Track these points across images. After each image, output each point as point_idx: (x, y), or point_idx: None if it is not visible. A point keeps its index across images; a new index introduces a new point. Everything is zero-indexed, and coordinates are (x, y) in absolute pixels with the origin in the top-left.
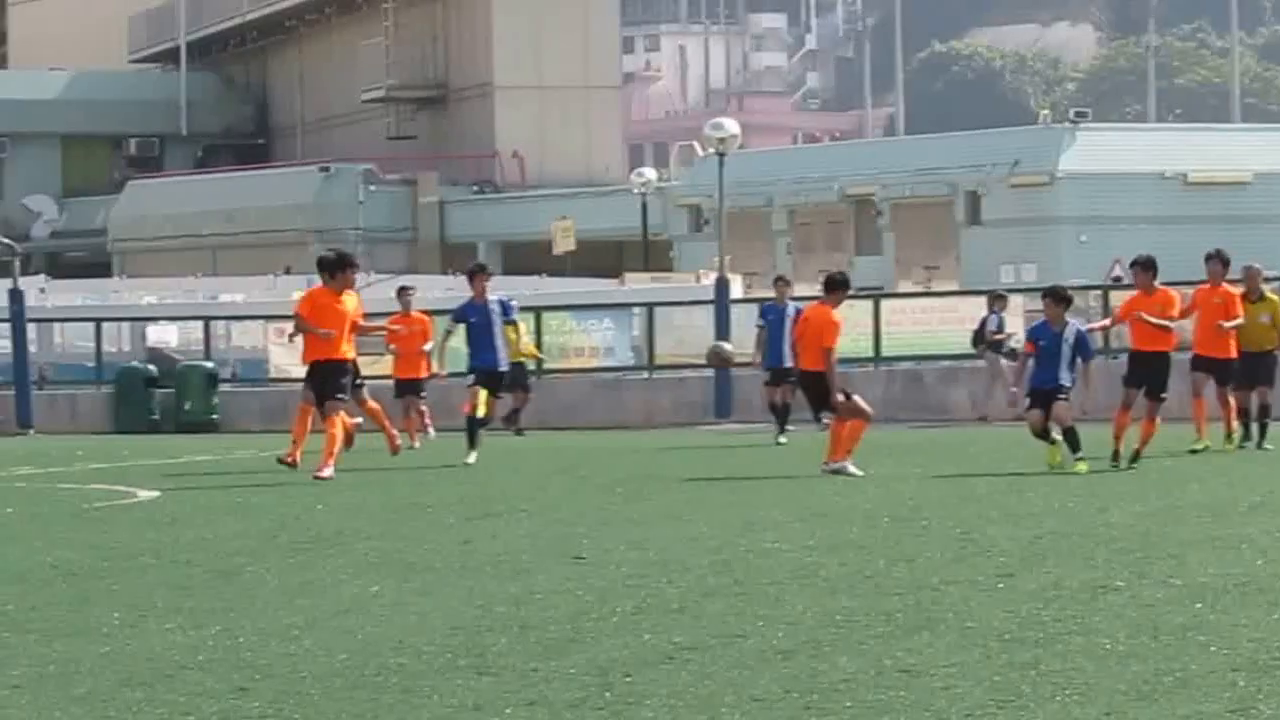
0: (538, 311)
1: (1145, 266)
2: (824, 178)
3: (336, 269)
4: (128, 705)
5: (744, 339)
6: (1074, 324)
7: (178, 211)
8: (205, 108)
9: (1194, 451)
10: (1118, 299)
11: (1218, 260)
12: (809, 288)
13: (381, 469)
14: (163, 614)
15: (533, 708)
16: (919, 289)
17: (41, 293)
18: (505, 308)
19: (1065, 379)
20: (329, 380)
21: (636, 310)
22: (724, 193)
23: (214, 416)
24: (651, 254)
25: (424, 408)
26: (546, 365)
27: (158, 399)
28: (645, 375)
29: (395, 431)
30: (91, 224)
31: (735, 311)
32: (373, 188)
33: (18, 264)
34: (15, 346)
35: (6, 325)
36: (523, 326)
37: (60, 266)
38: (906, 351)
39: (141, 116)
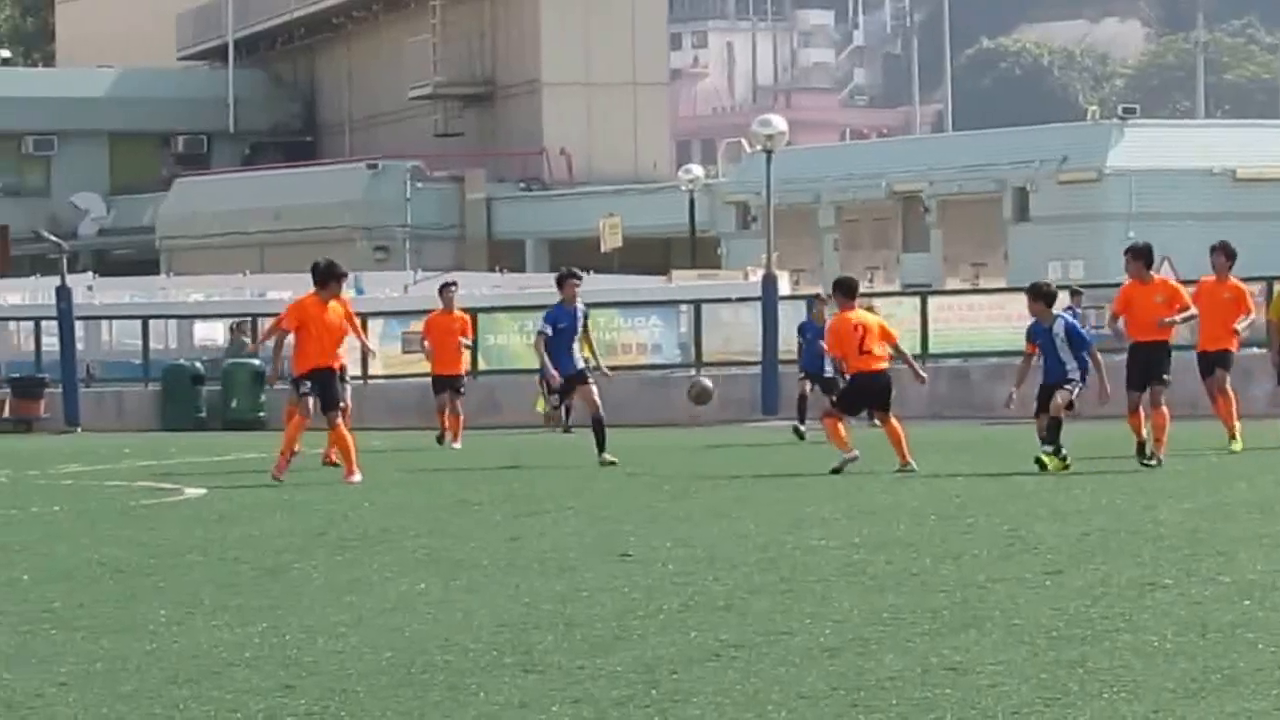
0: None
1: (1137, 254)
2: (871, 174)
3: (326, 278)
4: (174, 702)
5: (792, 336)
6: (1062, 317)
7: (225, 209)
8: (253, 105)
9: (1233, 452)
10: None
11: (1221, 252)
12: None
13: (428, 470)
14: (210, 611)
15: (579, 705)
16: (966, 286)
17: (89, 290)
18: (584, 315)
19: (1070, 372)
20: (327, 388)
21: (684, 308)
22: (771, 190)
23: (261, 414)
24: (699, 251)
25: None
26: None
27: (204, 396)
28: (692, 372)
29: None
30: (139, 222)
31: (783, 308)
32: (420, 185)
33: (65, 262)
34: (63, 344)
35: (54, 323)
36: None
37: (108, 264)
38: (953, 349)
39: (189, 114)
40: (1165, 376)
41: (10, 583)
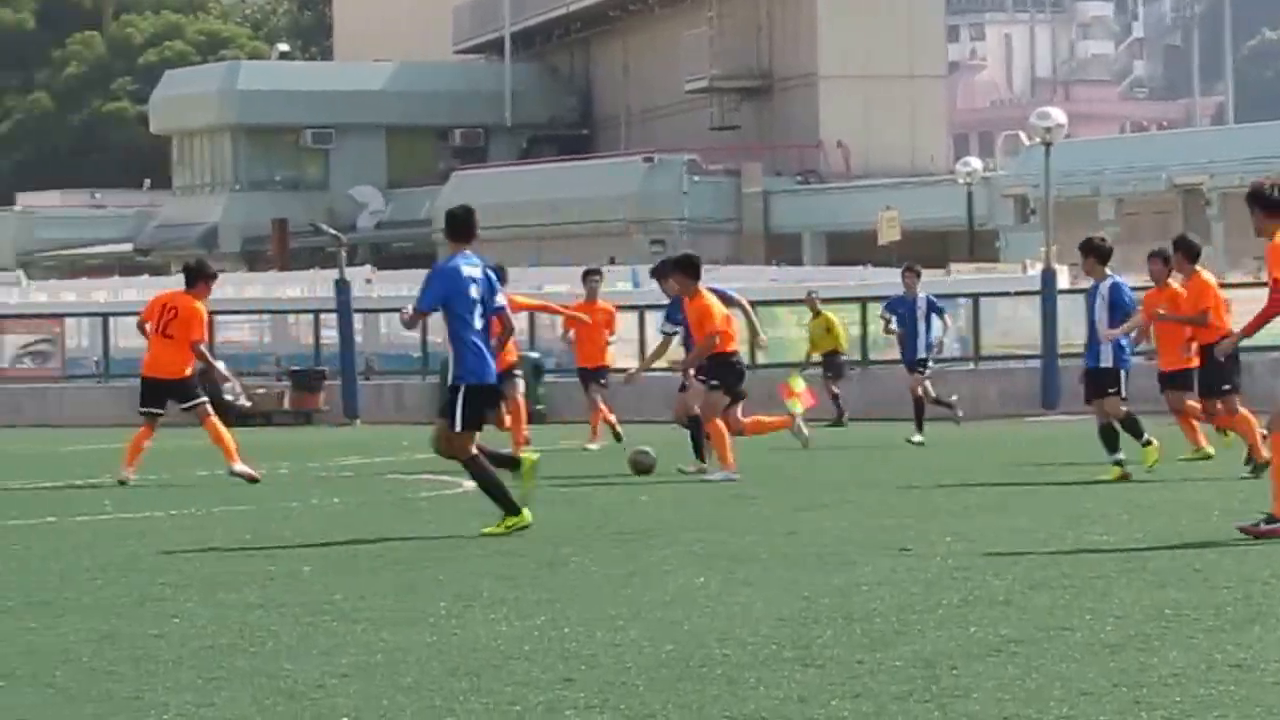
0: (863, 302)
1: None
2: (1151, 167)
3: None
4: (454, 695)
5: (1073, 329)
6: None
7: (502, 202)
8: (530, 99)
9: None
10: None
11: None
12: (1137, 277)
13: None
14: (489, 604)
15: (858, 700)
16: (1249, 280)
17: (368, 283)
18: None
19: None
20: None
21: (962, 301)
22: (1050, 182)
23: (540, 407)
24: (977, 244)
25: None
26: (872, 357)
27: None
28: (971, 366)
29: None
30: (416, 215)
31: (1062, 302)
32: (696, 179)
33: (344, 255)
34: (341, 337)
35: (333, 316)
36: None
37: (385, 257)
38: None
39: (466, 107)
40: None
41: (291, 574)
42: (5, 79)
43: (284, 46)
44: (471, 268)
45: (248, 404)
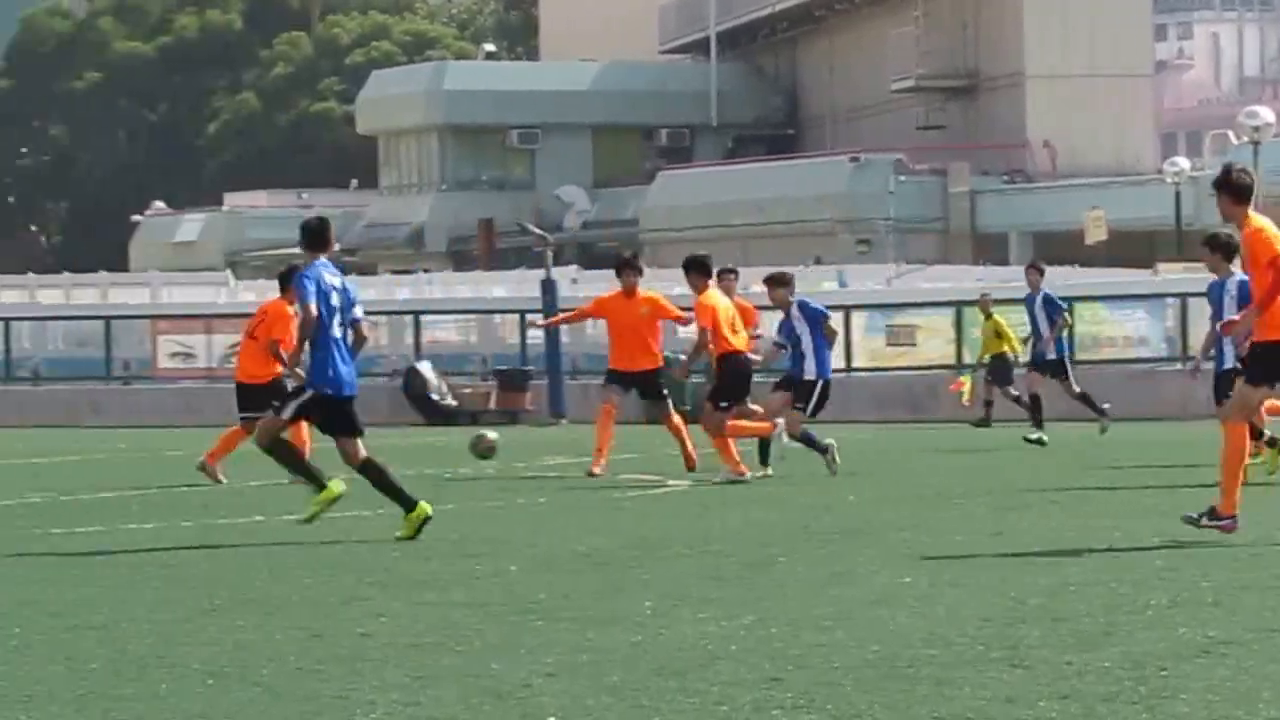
0: (1070, 302)
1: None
2: None
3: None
4: (660, 694)
5: None
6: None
7: (708, 202)
8: (735, 98)
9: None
10: None
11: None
12: None
13: (905, 462)
14: (695, 604)
15: (1066, 701)
16: None
17: (574, 283)
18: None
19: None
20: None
21: (1170, 301)
22: (1260, 181)
23: (685, 407)
24: (1185, 244)
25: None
26: (1078, 356)
27: (690, 389)
28: (1179, 366)
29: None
30: (622, 214)
31: None
32: (902, 178)
33: (550, 254)
34: (548, 337)
35: (539, 316)
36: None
37: (591, 257)
38: None
39: (671, 107)
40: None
41: (498, 573)
42: (213, 79)
43: (490, 46)
44: (332, 276)
45: (453, 403)
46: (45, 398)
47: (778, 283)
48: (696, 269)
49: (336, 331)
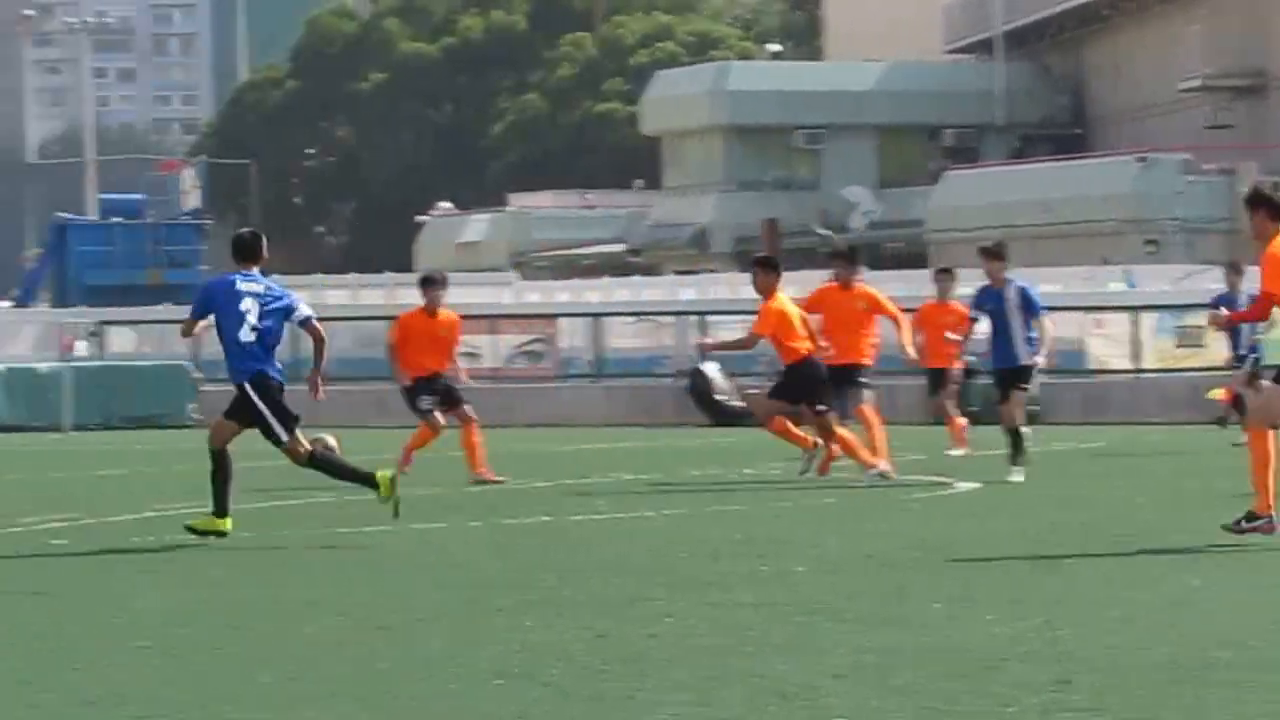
0: None
1: None
2: None
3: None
4: (947, 696)
5: None
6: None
7: (993, 202)
8: (1021, 98)
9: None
10: None
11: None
12: None
13: (1199, 464)
14: (983, 605)
15: None
16: None
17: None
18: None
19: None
20: None
21: None
22: None
23: (1034, 407)
24: None
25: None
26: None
27: (977, 390)
28: None
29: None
30: (908, 215)
31: None
32: (1190, 178)
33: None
34: None
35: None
36: None
37: (878, 258)
38: None
39: (957, 107)
40: None
41: (783, 574)
42: (499, 80)
43: (775, 46)
44: (249, 284)
45: (741, 404)
46: (332, 398)
47: (995, 256)
48: (767, 268)
49: (244, 335)
